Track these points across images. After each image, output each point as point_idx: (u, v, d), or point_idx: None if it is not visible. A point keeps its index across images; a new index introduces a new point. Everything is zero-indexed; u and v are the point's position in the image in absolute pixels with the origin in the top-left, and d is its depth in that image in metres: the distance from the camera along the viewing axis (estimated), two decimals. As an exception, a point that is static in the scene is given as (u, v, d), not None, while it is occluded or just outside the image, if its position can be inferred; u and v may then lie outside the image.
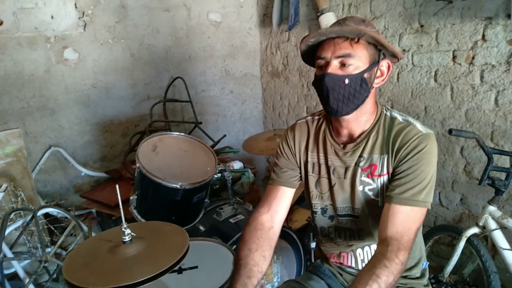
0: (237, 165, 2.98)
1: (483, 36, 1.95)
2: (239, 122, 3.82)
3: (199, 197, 1.91)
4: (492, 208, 1.74)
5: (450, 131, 1.62)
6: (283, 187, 1.25)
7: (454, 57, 2.11)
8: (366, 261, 1.20)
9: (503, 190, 1.71)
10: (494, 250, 1.85)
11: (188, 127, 3.38)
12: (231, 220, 2.04)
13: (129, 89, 3.19)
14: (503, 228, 1.73)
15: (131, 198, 1.89)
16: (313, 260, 2.05)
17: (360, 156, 1.14)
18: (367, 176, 1.13)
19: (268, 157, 3.98)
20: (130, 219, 2.50)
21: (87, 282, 1.02)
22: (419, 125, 1.11)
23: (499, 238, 1.72)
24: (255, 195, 2.90)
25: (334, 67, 1.04)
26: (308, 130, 1.26)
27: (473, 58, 2.02)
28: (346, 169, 1.16)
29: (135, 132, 3.12)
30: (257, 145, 2.12)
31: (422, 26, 2.24)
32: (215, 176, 1.93)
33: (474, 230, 1.81)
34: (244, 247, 1.16)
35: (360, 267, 1.21)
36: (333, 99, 1.04)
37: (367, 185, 1.13)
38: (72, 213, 2.49)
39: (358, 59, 1.05)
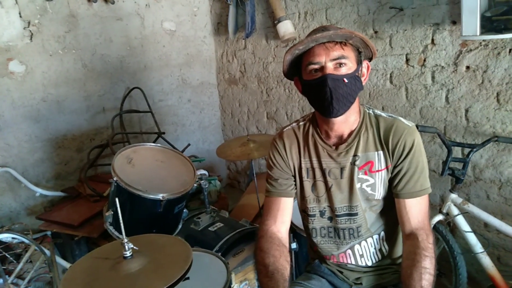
0: (202, 173, 2.95)
1: (433, 40, 2.15)
2: (198, 130, 3.78)
3: (180, 207, 1.87)
4: (453, 196, 1.92)
5: (416, 127, 1.76)
6: (282, 197, 1.27)
7: (407, 60, 2.30)
8: (364, 256, 1.25)
9: (462, 178, 1.89)
10: (456, 234, 2.04)
11: (147, 138, 3.28)
12: (210, 229, 2.02)
13: (83, 102, 3.03)
14: (464, 213, 1.91)
15: (106, 214, 1.80)
16: (293, 263, 2.10)
17: (355, 155, 1.19)
18: (365, 173, 1.19)
19: (228, 164, 3.99)
20: (96, 239, 2.40)
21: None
22: (403, 119, 1.20)
23: (462, 222, 1.89)
24: (224, 202, 2.90)
25: (330, 69, 1.09)
26: (296, 137, 1.28)
27: (424, 60, 2.22)
28: (342, 169, 1.20)
29: (92, 146, 2.97)
30: (231, 151, 2.12)
31: (376, 32, 2.41)
32: (195, 187, 1.90)
33: (439, 217, 1.97)
34: (268, 255, 1.17)
35: (359, 263, 1.26)
36: (336, 99, 1.09)
37: (365, 182, 1.19)
38: (30, 237, 2.31)
39: (350, 60, 1.11)
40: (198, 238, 1.98)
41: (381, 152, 1.17)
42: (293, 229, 1.99)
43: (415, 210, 1.14)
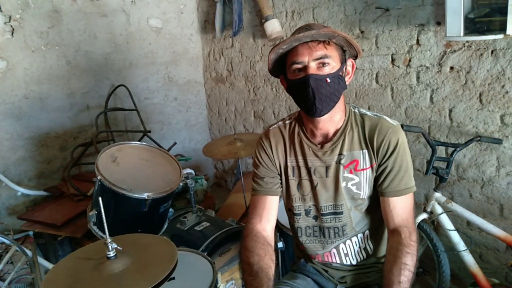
0: (189, 172, 2.93)
1: (418, 41, 2.18)
2: (184, 129, 3.75)
3: (165, 206, 1.85)
4: (437, 195, 1.95)
5: (401, 127, 1.78)
6: (268, 196, 1.27)
7: (393, 60, 2.32)
8: (349, 255, 1.26)
9: (446, 177, 1.92)
10: (440, 232, 2.07)
11: (132, 137, 3.24)
12: (197, 228, 2.01)
13: (66, 99, 2.97)
14: (448, 211, 1.94)
15: (90, 214, 1.77)
16: (279, 262, 2.10)
17: (340, 154, 1.19)
18: (350, 172, 1.19)
19: (215, 163, 3.97)
20: (80, 239, 2.35)
21: (78, 304, 0.94)
22: (387, 118, 1.21)
23: (445, 221, 1.92)
24: (210, 202, 2.88)
25: (313, 69, 1.09)
26: (282, 135, 1.28)
27: (409, 60, 2.24)
28: (327, 168, 1.21)
29: (76, 144, 2.92)
30: (218, 150, 2.11)
31: (362, 32, 2.43)
32: (181, 187, 1.88)
33: (423, 216, 2.00)
34: (252, 254, 1.17)
35: (344, 262, 1.26)
36: (318, 99, 1.09)
37: (350, 181, 1.20)
38: (11, 237, 2.25)
39: (333, 59, 1.11)
40: (184, 238, 1.96)
41: (365, 151, 1.18)
42: (279, 228, 2.00)
43: (399, 208, 1.15)
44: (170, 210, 1.95)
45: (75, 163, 2.74)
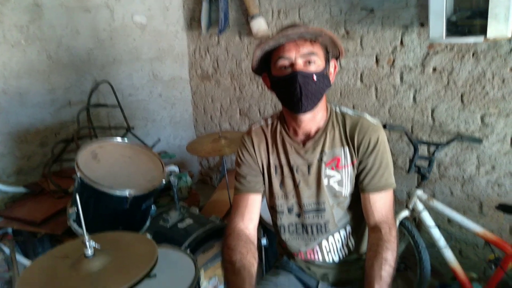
0: (172, 169, 2.90)
1: (401, 41, 2.20)
2: (169, 126, 3.72)
3: (148, 204, 1.83)
4: (419, 192, 1.97)
5: (384, 126, 1.80)
6: (251, 194, 1.27)
7: (377, 60, 2.34)
8: (331, 252, 1.26)
9: (428, 175, 1.95)
10: (422, 229, 2.10)
11: (115, 133, 3.19)
12: (180, 226, 1.99)
13: (47, 95, 2.90)
14: (429, 209, 1.97)
15: (70, 211, 1.74)
16: (263, 258, 2.10)
17: (322, 151, 1.20)
18: (332, 169, 1.20)
19: (200, 160, 3.94)
20: (60, 236, 2.31)
21: (54, 303, 0.92)
22: (368, 117, 1.22)
23: (427, 218, 1.95)
24: (195, 199, 2.86)
25: (300, 65, 1.10)
26: (264, 134, 1.29)
27: (393, 61, 2.26)
28: (309, 166, 1.22)
29: (57, 140, 2.86)
30: (202, 147, 2.10)
31: (348, 32, 2.44)
32: (163, 183, 1.86)
33: (406, 213, 2.02)
34: (235, 253, 1.16)
35: (327, 259, 1.27)
36: (305, 95, 1.10)
37: (332, 178, 1.20)
38: (-12, 235, 2.20)
39: (319, 57, 1.12)
40: (167, 235, 1.94)
41: (346, 148, 1.19)
42: (263, 225, 2.00)
43: (380, 205, 1.17)
44: (152, 207, 1.93)
45: (55, 159, 2.68)
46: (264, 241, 2.01)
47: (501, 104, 1.93)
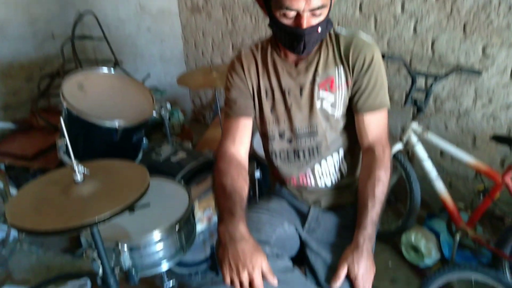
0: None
1: (405, -35, 2.05)
2: (159, 62, 3.59)
3: (138, 136, 1.79)
4: (414, 125, 1.96)
5: (382, 56, 1.72)
6: (241, 118, 1.23)
7: (378, -13, 2.20)
8: (324, 176, 1.26)
9: (424, 108, 1.92)
10: (414, 163, 2.12)
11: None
12: (172, 159, 1.98)
13: (27, 26, 2.75)
14: (423, 142, 1.96)
15: (59, 143, 1.70)
16: (257, 192, 2.13)
17: (315, 72, 1.15)
18: (325, 91, 1.16)
19: (193, 98, 3.87)
20: (53, 170, 2.30)
21: (45, 224, 0.91)
22: (363, 35, 1.16)
23: (420, 151, 1.95)
24: (188, 135, 2.84)
25: (308, 19, 1.02)
26: (254, 57, 1.23)
27: (395, -13, 2.13)
28: (301, 88, 1.17)
29: (42, 75, 2.75)
30: (193, 80, 2.02)
31: (348, -45, 2.27)
32: (154, 115, 1.81)
33: (399, 146, 2.02)
34: (226, 176, 1.14)
35: (319, 184, 1.26)
36: (307, 45, 1.06)
37: (325, 100, 1.16)
38: (-20, 170, 2.19)
39: (326, 8, 1.03)
40: (160, 169, 1.93)
41: (341, 67, 1.15)
42: (257, 158, 1.99)
43: (374, 125, 1.15)
44: (144, 140, 1.90)
45: (42, 94, 2.60)
46: (257, 174, 2.02)
47: (505, 34, 1.84)
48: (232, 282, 0.95)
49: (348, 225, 1.15)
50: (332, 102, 1.17)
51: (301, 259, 1.22)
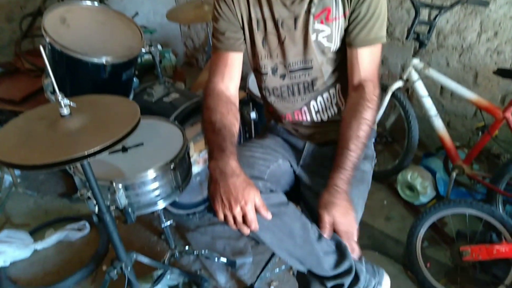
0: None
1: None
2: (147, 1, 3.38)
3: (128, 74, 1.71)
4: (415, 61, 1.88)
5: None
6: (230, 53, 1.15)
7: None
8: (320, 112, 1.21)
9: (426, 43, 1.83)
10: (413, 101, 2.07)
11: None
12: (165, 100, 1.91)
13: (2, -41, 2.54)
14: (424, 78, 1.90)
15: (45, 82, 1.62)
16: (253, 132, 2.09)
17: (310, 2, 1.06)
18: (321, 22, 1.08)
19: (185, 40, 3.71)
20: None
21: (33, 159, 0.87)
22: None
23: (420, 87, 1.90)
24: (180, 78, 2.74)
25: None
26: None
27: None
28: (296, 19, 1.09)
29: (23, 14, 2.59)
30: (184, 14, 1.90)
31: None
32: (143, 52, 1.72)
33: (399, 84, 1.97)
34: (215, 113, 1.08)
35: (315, 119, 1.22)
36: None
37: (321, 32, 1.08)
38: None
39: None
40: (152, 110, 1.87)
41: None
42: (252, 98, 1.94)
43: (367, 61, 1.08)
44: (134, 79, 1.82)
45: (25, 35, 2.46)
46: (253, 115, 1.97)
47: (517, -41, 1.72)
48: (225, 217, 0.93)
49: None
50: (328, 35, 1.09)
51: (297, 197, 1.21)
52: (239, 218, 0.92)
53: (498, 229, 1.53)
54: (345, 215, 0.99)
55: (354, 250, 1.02)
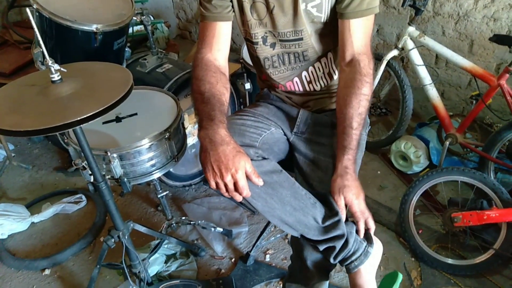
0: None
1: None
2: (138, -29, 3.28)
3: (120, 43, 1.68)
4: (411, 29, 1.86)
5: None
6: (218, 22, 1.12)
7: None
8: (312, 82, 1.20)
9: (423, 9, 1.80)
10: (408, 71, 2.06)
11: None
12: (158, 70, 1.89)
13: None
14: (419, 46, 1.88)
15: (34, 52, 1.59)
16: (247, 103, 2.08)
17: None
18: None
19: (177, 12, 3.63)
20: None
21: (25, 125, 0.86)
22: None
23: (415, 56, 1.89)
24: (173, 49, 2.70)
25: None
26: None
27: None
28: None
29: (9, -16, 2.51)
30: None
31: None
32: (135, 21, 1.67)
33: (394, 53, 1.95)
34: (203, 83, 1.07)
35: (308, 89, 1.22)
36: None
37: (311, 2, 1.05)
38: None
39: None
40: (145, 80, 1.85)
41: None
42: (247, 69, 1.91)
43: (360, 33, 1.04)
44: (126, 49, 1.78)
45: (11, 5, 2.39)
46: (248, 86, 1.96)
47: None
48: (217, 185, 0.93)
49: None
50: (317, 4, 1.05)
51: (291, 166, 1.21)
52: (231, 186, 0.92)
53: (489, 196, 1.56)
54: (358, 196, 1.01)
55: (371, 228, 1.04)
